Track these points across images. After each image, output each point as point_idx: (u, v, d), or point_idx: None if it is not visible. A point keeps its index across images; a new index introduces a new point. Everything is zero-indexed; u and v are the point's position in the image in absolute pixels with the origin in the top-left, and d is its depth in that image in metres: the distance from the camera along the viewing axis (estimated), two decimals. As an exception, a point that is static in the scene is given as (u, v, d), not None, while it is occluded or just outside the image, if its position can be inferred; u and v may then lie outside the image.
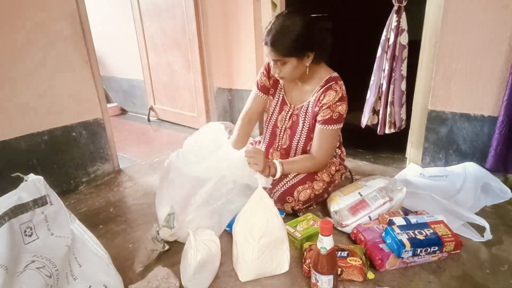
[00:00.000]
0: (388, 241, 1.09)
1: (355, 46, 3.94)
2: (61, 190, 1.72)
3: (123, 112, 3.79)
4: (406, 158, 1.98)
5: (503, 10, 1.40)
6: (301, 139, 1.44)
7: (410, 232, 1.08)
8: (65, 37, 1.65)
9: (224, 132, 1.40)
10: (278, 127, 1.51)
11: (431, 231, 1.10)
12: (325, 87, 1.35)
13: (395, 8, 1.65)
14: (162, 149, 2.48)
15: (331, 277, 0.91)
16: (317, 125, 1.37)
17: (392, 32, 1.68)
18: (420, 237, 1.07)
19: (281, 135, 1.51)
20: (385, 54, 1.73)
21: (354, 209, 1.29)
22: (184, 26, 2.62)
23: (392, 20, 1.68)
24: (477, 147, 1.61)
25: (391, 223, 1.16)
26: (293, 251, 1.16)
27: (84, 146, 1.81)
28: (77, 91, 1.74)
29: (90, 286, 0.91)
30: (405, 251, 1.04)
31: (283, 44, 1.22)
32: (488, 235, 1.20)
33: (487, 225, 1.21)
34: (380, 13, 2.00)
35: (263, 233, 1.02)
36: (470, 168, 1.55)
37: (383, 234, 1.13)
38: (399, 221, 1.16)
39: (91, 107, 1.83)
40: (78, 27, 1.70)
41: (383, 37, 1.74)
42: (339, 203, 1.33)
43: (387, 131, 1.82)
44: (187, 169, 1.30)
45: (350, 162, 1.96)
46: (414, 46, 1.72)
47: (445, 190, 1.49)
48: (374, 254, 1.08)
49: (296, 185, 1.36)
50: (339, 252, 1.04)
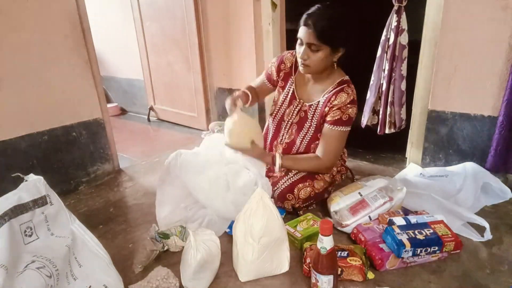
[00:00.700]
0: (388, 241, 1.09)
1: (355, 46, 3.93)
2: (61, 190, 1.72)
3: (123, 112, 3.79)
4: (406, 158, 1.98)
5: (503, 10, 1.40)
6: (306, 136, 1.44)
7: (410, 232, 1.08)
8: (65, 37, 1.65)
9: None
10: (284, 121, 1.50)
11: (431, 231, 1.10)
12: (337, 88, 1.35)
13: (395, 8, 1.65)
14: (162, 149, 2.47)
15: (331, 277, 0.91)
16: (325, 125, 1.36)
17: (392, 32, 1.67)
18: (420, 237, 1.07)
19: (286, 129, 1.50)
20: (385, 54, 1.73)
21: (354, 209, 1.29)
22: (184, 26, 2.61)
23: (392, 20, 1.68)
24: (477, 147, 1.61)
25: (391, 223, 1.17)
26: (293, 251, 1.16)
27: (84, 146, 1.81)
28: (77, 91, 1.74)
29: (90, 286, 0.91)
30: (405, 251, 1.04)
31: (325, 29, 1.20)
32: (488, 235, 1.21)
33: (487, 225, 1.21)
34: (380, 13, 2.00)
35: (263, 233, 1.02)
36: (470, 168, 1.55)
37: (383, 234, 1.13)
38: (399, 221, 1.16)
39: (91, 107, 1.83)
40: (78, 27, 1.70)
41: (383, 37, 1.74)
42: (339, 203, 1.33)
43: (387, 131, 1.82)
44: (187, 169, 1.30)
45: (350, 162, 1.96)
46: (414, 46, 1.72)
47: (445, 190, 1.49)
48: (374, 254, 1.08)
49: (297, 182, 1.37)
50: (339, 252, 1.04)
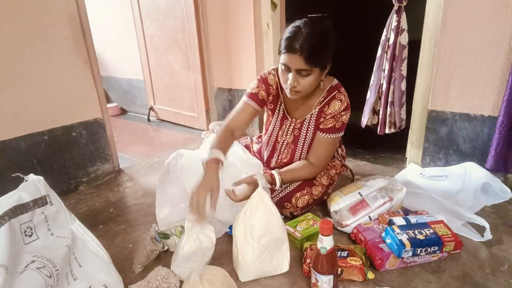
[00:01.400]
0: (388, 241, 1.09)
1: (355, 46, 3.94)
2: (61, 190, 1.72)
3: (123, 112, 3.79)
4: (406, 158, 1.98)
5: (503, 10, 1.40)
6: (303, 152, 1.42)
7: (410, 232, 1.08)
8: (65, 37, 1.65)
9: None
10: (279, 142, 1.47)
11: (431, 231, 1.10)
12: (328, 97, 1.33)
13: (395, 8, 1.65)
14: (162, 149, 2.48)
15: (331, 277, 0.91)
16: (318, 132, 1.35)
17: (392, 32, 1.68)
18: (420, 237, 1.07)
19: (282, 150, 1.47)
20: (385, 54, 1.73)
21: (354, 209, 1.29)
22: (184, 26, 2.62)
23: (392, 20, 1.68)
24: (477, 147, 1.61)
25: (391, 223, 1.17)
26: (293, 251, 1.16)
27: (84, 146, 1.81)
28: (77, 91, 1.74)
29: (90, 286, 0.91)
30: (405, 251, 1.04)
31: (314, 51, 1.11)
32: (488, 235, 1.21)
33: (487, 225, 1.21)
34: (380, 13, 2.00)
35: (263, 233, 1.02)
36: (470, 168, 1.55)
37: (383, 234, 1.13)
38: (399, 221, 1.16)
39: (91, 107, 1.83)
40: (78, 27, 1.70)
41: (383, 37, 1.74)
42: (339, 203, 1.33)
43: (387, 131, 1.82)
44: (186, 171, 1.30)
45: (350, 162, 1.96)
46: (414, 46, 1.72)
47: (445, 190, 1.49)
48: (374, 254, 1.08)
49: (294, 191, 1.36)
50: (339, 252, 1.04)
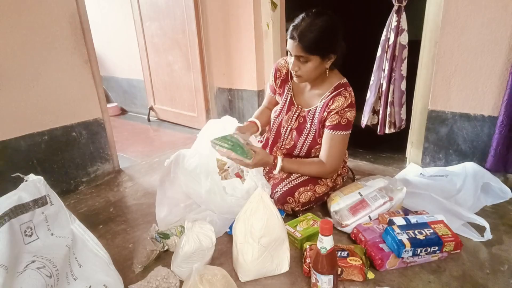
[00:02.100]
0: (388, 241, 1.09)
1: (355, 46, 3.94)
2: (61, 190, 1.72)
3: (123, 112, 3.79)
4: (406, 158, 1.98)
5: (503, 10, 1.40)
6: (306, 141, 1.43)
7: (410, 232, 1.08)
8: (65, 37, 1.65)
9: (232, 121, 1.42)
10: (283, 127, 1.50)
11: (431, 231, 1.10)
12: (334, 93, 1.34)
13: (395, 8, 1.65)
14: (162, 149, 2.48)
15: (331, 277, 0.91)
16: (325, 130, 1.36)
17: (392, 32, 1.67)
18: (420, 237, 1.07)
19: (285, 135, 1.50)
20: (385, 54, 1.73)
21: (354, 209, 1.29)
22: (184, 26, 2.62)
23: (392, 20, 1.68)
24: (477, 147, 1.61)
25: (391, 223, 1.17)
26: (293, 251, 1.16)
27: (84, 146, 1.81)
28: (77, 91, 1.74)
29: (90, 286, 0.91)
30: (405, 251, 1.04)
31: (310, 41, 1.20)
32: (488, 235, 1.21)
33: (487, 225, 1.21)
34: (380, 13, 2.00)
35: (263, 233, 1.02)
36: (470, 168, 1.55)
37: (383, 234, 1.13)
38: (399, 221, 1.16)
39: (91, 107, 1.83)
40: (78, 27, 1.70)
41: (383, 37, 1.74)
42: (339, 203, 1.33)
43: (387, 131, 1.82)
44: (186, 172, 1.31)
45: (350, 162, 1.96)
46: (414, 46, 1.72)
47: (445, 190, 1.49)
48: (374, 254, 1.08)
49: (298, 186, 1.36)
50: (339, 252, 1.04)
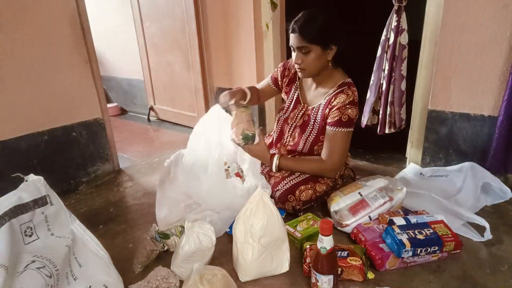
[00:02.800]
0: (388, 241, 1.09)
1: (355, 46, 3.93)
2: (61, 190, 1.72)
3: (123, 112, 3.79)
4: (406, 158, 1.98)
5: (503, 10, 1.40)
6: (309, 138, 1.44)
7: (410, 232, 1.08)
8: (65, 37, 1.65)
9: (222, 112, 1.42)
10: (288, 124, 1.53)
11: (431, 231, 1.10)
12: (337, 90, 1.36)
13: (395, 8, 1.65)
14: (162, 149, 2.48)
15: (331, 277, 0.91)
16: (327, 127, 1.37)
17: (392, 32, 1.67)
18: (420, 237, 1.07)
19: (289, 132, 1.52)
20: (385, 54, 1.73)
21: (354, 209, 1.29)
22: (184, 26, 2.61)
23: (392, 20, 1.68)
24: (477, 147, 1.61)
25: (391, 223, 1.16)
26: (293, 251, 1.16)
27: (84, 146, 1.81)
28: (77, 91, 1.74)
29: (90, 286, 0.91)
30: (405, 251, 1.04)
31: (311, 30, 1.26)
32: (488, 235, 1.21)
33: (487, 225, 1.21)
34: (380, 13, 2.00)
35: (263, 233, 1.02)
36: (470, 168, 1.55)
37: (383, 234, 1.13)
38: (399, 221, 1.16)
39: (91, 107, 1.83)
40: (78, 27, 1.70)
41: (383, 37, 1.74)
42: (339, 203, 1.33)
43: (387, 131, 1.82)
44: (186, 172, 1.31)
45: (350, 162, 1.96)
46: (414, 46, 1.72)
47: (445, 190, 1.49)
48: (374, 254, 1.08)
49: (299, 184, 1.37)
50: (339, 252, 1.04)
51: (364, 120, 1.90)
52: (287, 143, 1.53)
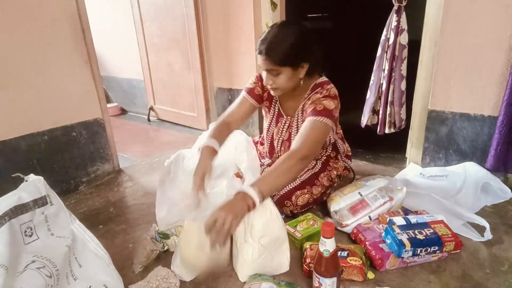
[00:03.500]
0: (388, 241, 1.09)
1: (355, 46, 3.94)
2: (61, 190, 1.72)
3: (123, 112, 3.79)
4: (406, 158, 1.98)
5: (503, 10, 1.40)
6: None
7: (410, 232, 1.08)
8: (65, 37, 1.65)
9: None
10: (275, 140, 1.51)
11: (431, 231, 1.10)
12: (311, 94, 1.33)
13: (395, 8, 1.65)
14: (162, 149, 2.48)
15: (334, 279, 0.91)
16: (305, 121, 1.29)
17: (392, 32, 1.68)
18: (420, 237, 1.07)
19: (278, 147, 1.51)
20: (385, 54, 1.73)
21: (354, 209, 1.29)
22: (184, 26, 2.62)
23: (392, 20, 1.68)
24: (477, 147, 1.61)
25: (391, 223, 1.16)
26: (293, 251, 1.16)
27: (84, 146, 1.81)
28: (77, 91, 1.74)
29: (90, 286, 0.91)
30: (405, 251, 1.04)
31: (278, 53, 1.17)
32: (488, 235, 1.21)
33: (487, 225, 1.21)
34: (380, 13, 2.00)
35: (263, 233, 1.01)
36: (470, 168, 1.55)
37: (383, 234, 1.13)
38: (399, 221, 1.16)
39: (91, 107, 1.83)
40: (78, 27, 1.70)
41: (383, 37, 1.74)
42: (339, 203, 1.33)
43: (387, 131, 1.82)
44: (187, 168, 1.30)
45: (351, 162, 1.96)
46: (414, 46, 1.72)
47: (445, 190, 1.49)
48: (374, 254, 1.08)
49: (295, 190, 1.36)
50: (339, 252, 1.04)
51: (364, 120, 1.91)
52: (279, 156, 1.47)
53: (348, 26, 4.10)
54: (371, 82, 1.85)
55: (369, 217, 1.26)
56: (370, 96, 1.86)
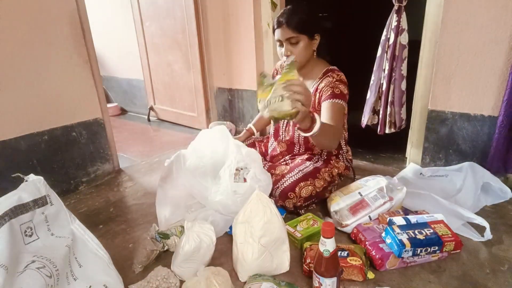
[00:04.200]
0: (388, 241, 1.09)
1: (355, 46, 3.94)
2: (61, 190, 1.72)
3: (123, 112, 3.79)
4: (406, 158, 1.98)
5: (503, 10, 1.40)
6: None
7: (410, 232, 1.08)
8: (65, 37, 1.65)
9: (227, 133, 1.40)
10: (280, 121, 1.57)
11: (431, 231, 1.10)
12: (323, 77, 1.43)
13: (395, 8, 1.65)
14: (162, 149, 2.48)
15: (334, 279, 0.91)
16: (322, 104, 1.38)
17: (392, 32, 1.68)
18: (420, 237, 1.07)
19: (283, 128, 1.58)
20: (385, 54, 1.73)
21: (354, 209, 1.29)
22: (184, 26, 2.62)
23: (392, 20, 1.68)
24: (477, 147, 1.61)
25: (391, 223, 1.16)
26: (293, 251, 1.16)
27: (84, 146, 1.81)
28: (77, 91, 1.74)
29: (90, 286, 0.91)
30: (405, 251, 1.04)
31: (298, 20, 1.33)
32: (488, 235, 1.21)
33: (487, 225, 1.21)
34: (380, 13, 2.00)
35: (263, 233, 1.02)
36: (470, 168, 1.55)
37: (383, 234, 1.13)
38: (399, 221, 1.16)
39: (91, 107, 1.83)
40: (78, 27, 1.70)
41: (383, 37, 1.74)
42: (339, 203, 1.33)
43: (387, 131, 1.82)
44: (188, 168, 1.30)
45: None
46: (414, 46, 1.72)
47: (445, 190, 1.49)
48: (374, 254, 1.08)
49: (299, 181, 1.37)
50: (339, 252, 1.04)
51: (364, 120, 1.90)
52: (283, 138, 1.59)
53: (348, 26, 4.09)
54: (371, 82, 1.85)
55: (369, 217, 1.26)
56: (371, 96, 1.86)
